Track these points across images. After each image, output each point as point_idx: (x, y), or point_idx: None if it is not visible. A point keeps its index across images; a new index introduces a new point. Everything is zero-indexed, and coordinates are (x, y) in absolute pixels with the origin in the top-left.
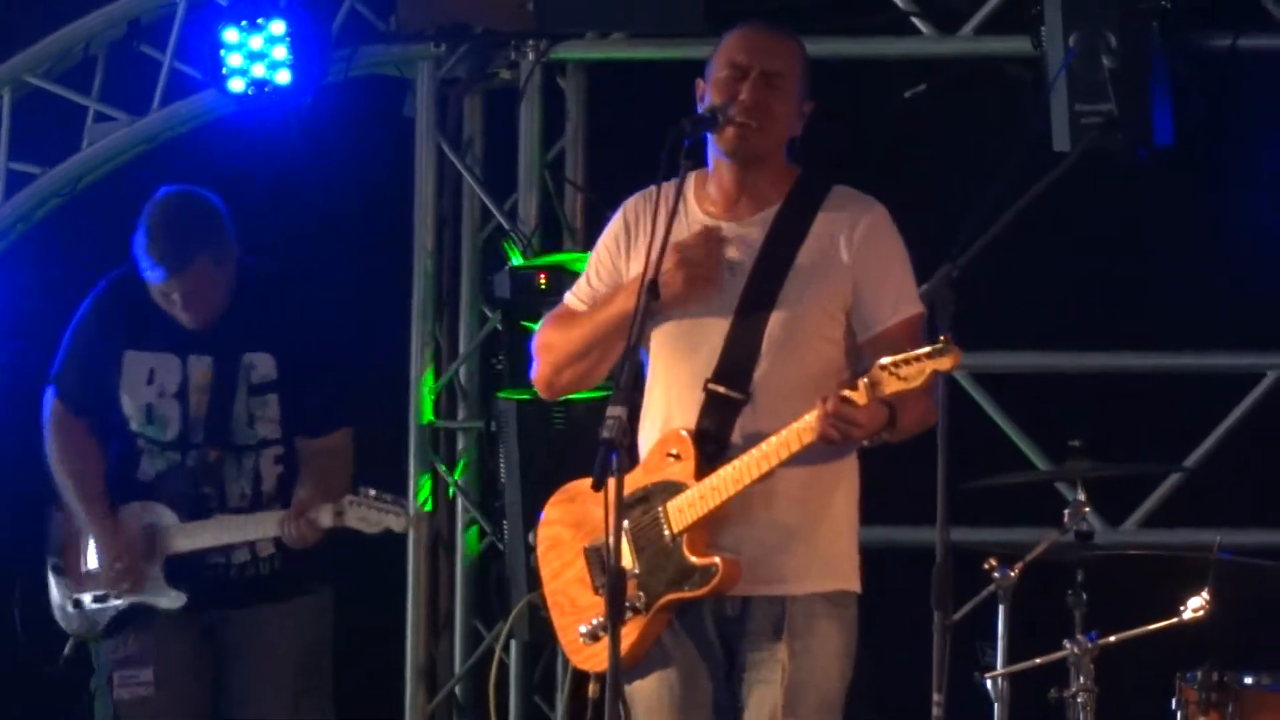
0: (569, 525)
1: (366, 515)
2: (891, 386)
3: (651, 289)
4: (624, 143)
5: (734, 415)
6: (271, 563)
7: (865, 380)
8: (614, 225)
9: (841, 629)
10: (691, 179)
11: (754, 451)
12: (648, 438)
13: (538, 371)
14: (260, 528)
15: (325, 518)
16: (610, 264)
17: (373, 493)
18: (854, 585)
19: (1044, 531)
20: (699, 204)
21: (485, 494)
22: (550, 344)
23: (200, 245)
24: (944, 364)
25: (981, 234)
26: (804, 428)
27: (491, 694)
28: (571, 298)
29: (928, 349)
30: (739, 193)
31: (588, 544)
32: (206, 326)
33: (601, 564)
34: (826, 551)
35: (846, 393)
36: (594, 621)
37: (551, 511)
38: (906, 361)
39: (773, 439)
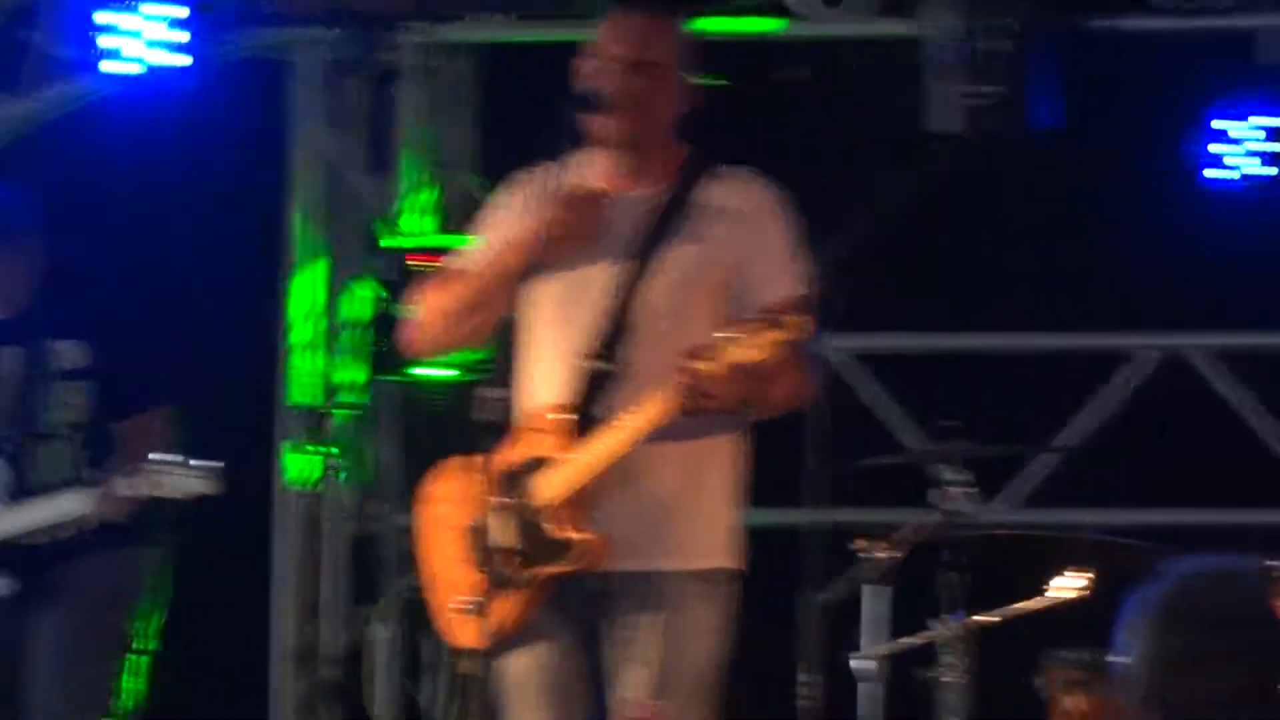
0: (450, 502)
1: (165, 481)
2: (734, 355)
3: (534, 268)
4: (504, 125)
5: (606, 390)
6: (82, 535)
7: (717, 351)
8: (507, 196)
9: (714, 607)
10: (579, 157)
11: (616, 425)
12: (525, 412)
13: (416, 332)
14: (68, 507)
15: (124, 487)
16: (498, 232)
17: (172, 458)
18: (731, 563)
19: (917, 512)
20: (590, 181)
21: (361, 476)
22: (433, 304)
23: None
24: (781, 334)
25: (863, 216)
26: (661, 400)
27: (365, 676)
28: (458, 260)
29: (765, 319)
30: (625, 172)
31: (467, 521)
32: (14, 316)
33: (480, 541)
34: (701, 528)
35: (695, 363)
36: (471, 598)
37: (433, 488)
38: (747, 332)
39: (633, 412)
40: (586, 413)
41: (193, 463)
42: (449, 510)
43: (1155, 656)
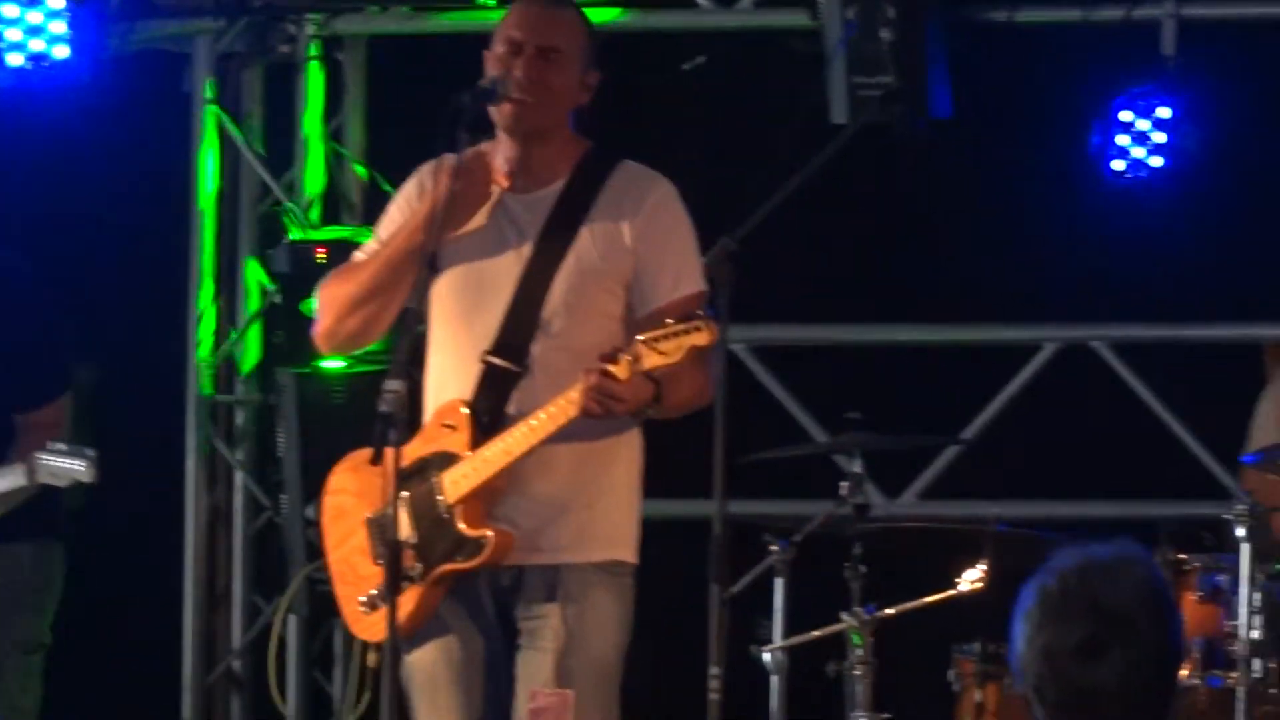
0: (353, 494)
1: (53, 469)
2: (651, 361)
3: (431, 261)
4: (402, 116)
5: (511, 388)
6: None
7: (627, 355)
8: (408, 186)
9: (616, 598)
10: (483, 149)
11: (522, 425)
12: (428, 408)
13: (319, 325)
14: None
15: (12, 478)
16: (400, 222)
17: (58, 446)
18: (630, 556)
19: (822, 504)
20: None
21: (263, 468)
22: (334, 295)
23: None
24: (700, 339)
25: (760, 208)
26: (568, 401)
27: (271, 668)
28: (358, 253)
29: (684, 324)
30: (524, 166)
31: (369, 514)
32: None
33: (382, 534)
34: (602, 522)
35: (608, 367)
36: (373, 592)
37: (336, 480)
38: (665, 336)
39: (540, 413)
40: (490, 409)
41: (68, 448)
42: (350, 502)
43: (1047, 645)
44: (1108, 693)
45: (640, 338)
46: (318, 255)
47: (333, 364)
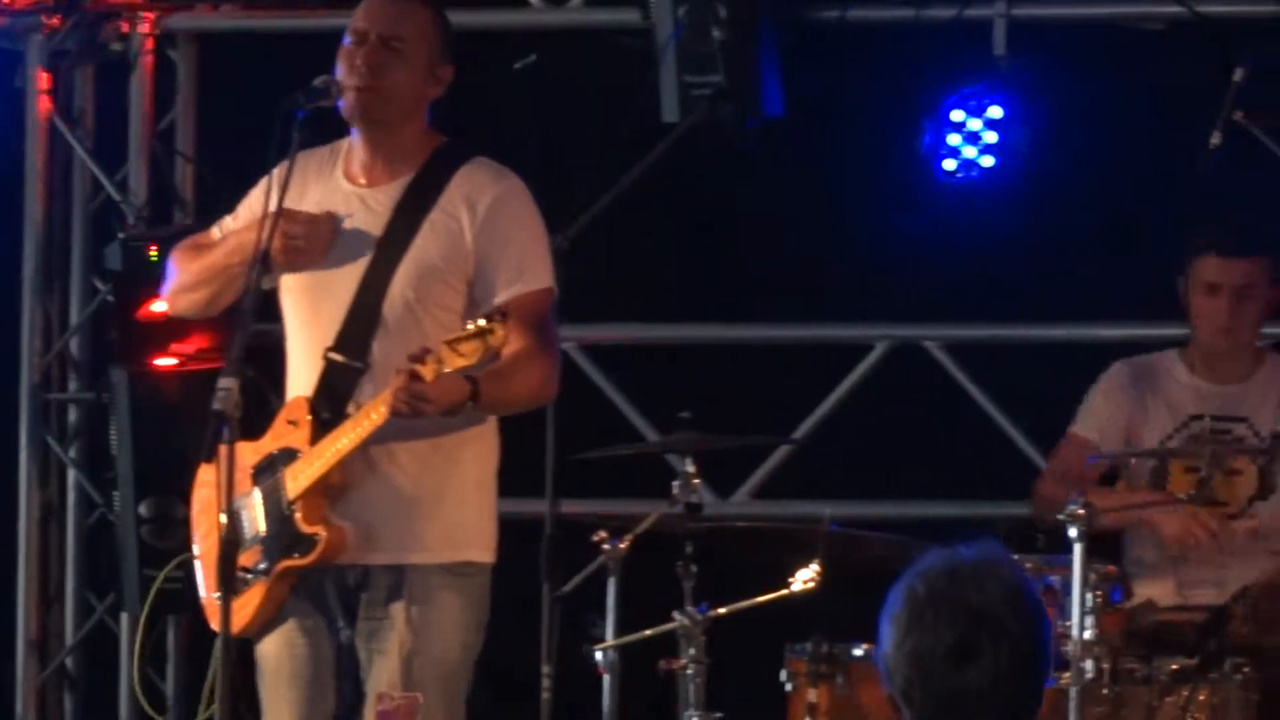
0: (212, 488)
1: None
2: (453, 363)
3: (264, 260)
4: (235, 114)
5: (352, 384)
6: None
7: (433, 356)
8: (262, 186)
9: (464, 600)
10: (345, 143)
11: (349, 422)
12: (284, 403)
13: (167, 288)
14: None
15: None
16: (254, 209)
17: None
18: (481, 556)
19: (654, 504)
20: (345, 171)
21: (96, 465)
22: (176, 267)
23: None
24: (495, 341)
25: (590, 206)
26: (376, 403)
27: (138, 668)
28: (215, 228)
29: (484, 327)
30: (374, 159)
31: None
32: None
33: (239, 530)
34: (448, 521)
35: (416, 368)
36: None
37: (204, 474)
38: (464, 339)
39: (360, 412)
40: (331, 405)
41: None
42: (212, 495)
43: (915, 649)
44: (979, 695)
45: (447, 338)
46: (150, 253)
47: (165, 362)
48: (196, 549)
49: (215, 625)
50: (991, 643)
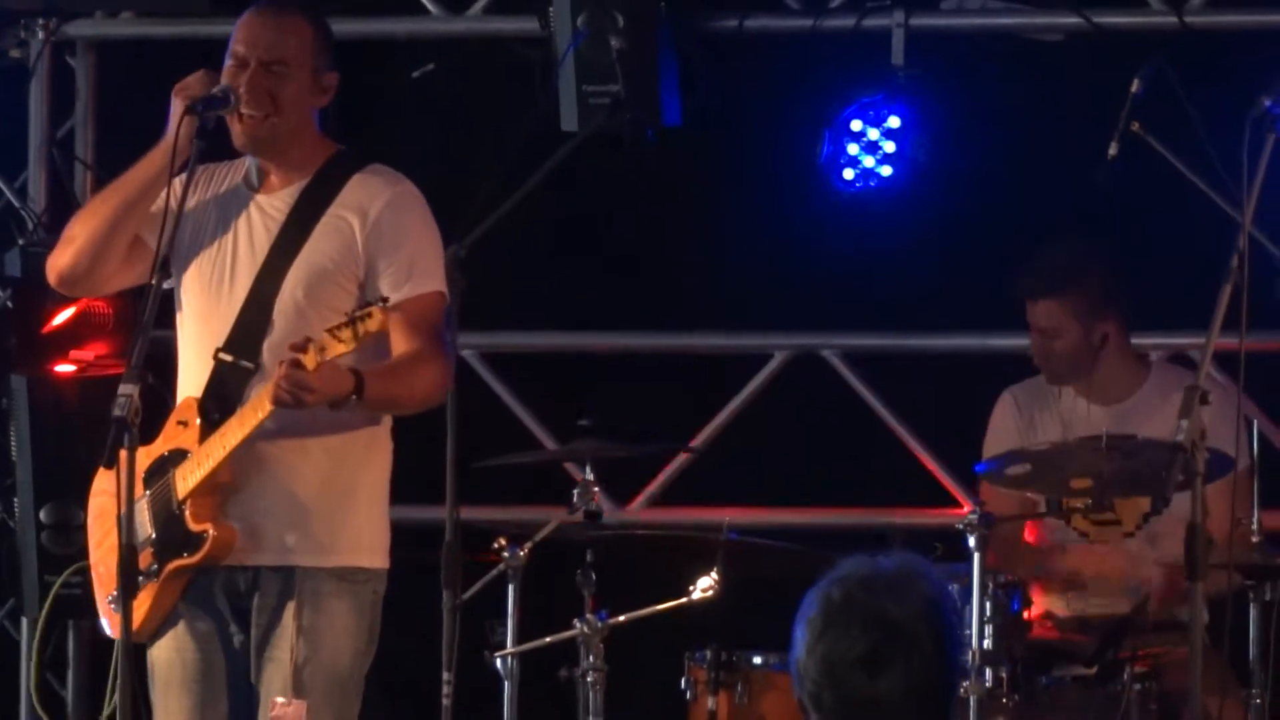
0: (112, 495)
1: None
2: (335, 349)
3: (164, 265)
4: (134, 121)
5: (243, 384)
6: None
7: (314, 344)
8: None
9: (354, 606)
10: (246, 159)
11: (234, 418)
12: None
13: (53, 259)
14: None
15: None
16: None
17: None
18: (373, 562)
19: (553, 511)
20: (245, 179)
21: None
22: (73, 233)
23: None
24: (370, 325)
25: (489, 215)
26: (262, 396)
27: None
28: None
29: (361, 313)
30: (270, 169)
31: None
32: None
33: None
34: (340, 526)
35: (297, 356)
36: (115, 591)
37: (100, 482)
38: (343, 325)
39: (245, 407)
40: (220, 405)
41: None
42: (110, 503)
43: (827, 654)
44: (888, 705)
45: (328, 326)
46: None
47: (65, 368)
48: (91, 557)
49: (111, 631)
50: (904, 654)
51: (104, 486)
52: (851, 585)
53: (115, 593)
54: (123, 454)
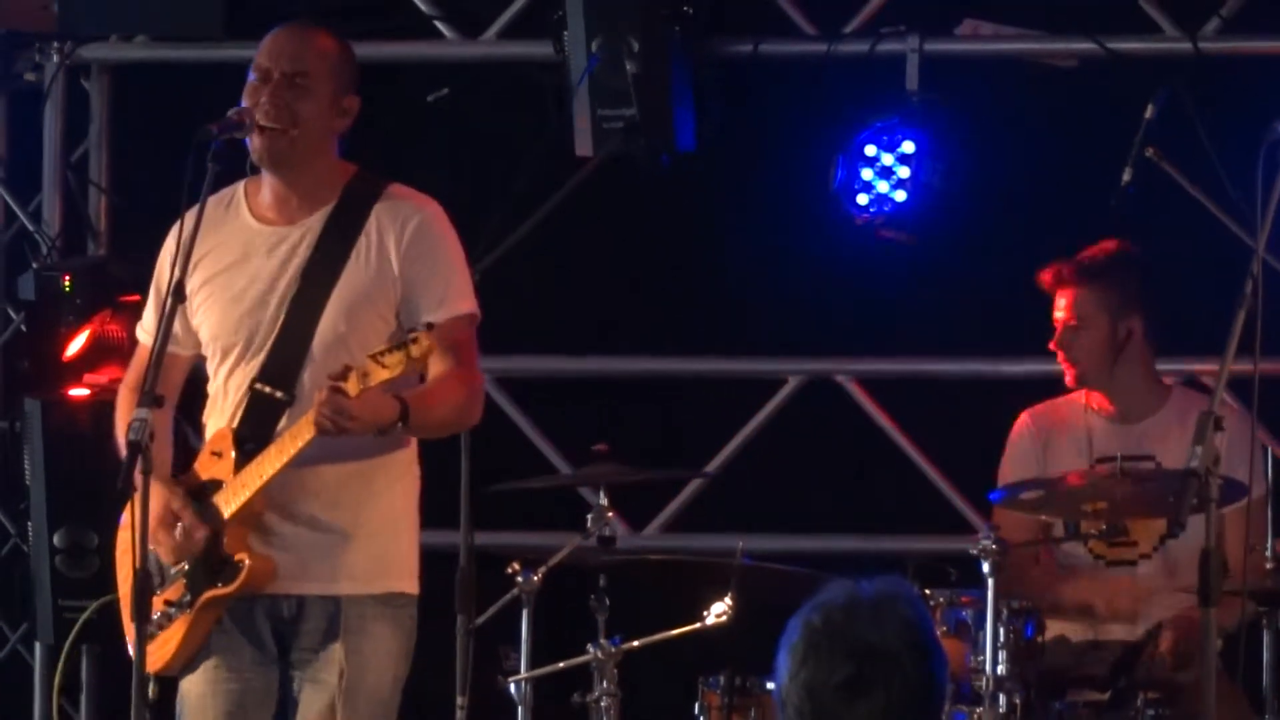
0: (133, 520)
1: None
2: (379, 375)
3: (178, 292)
4: (148, 145)
5: (278, 415)
6: None
7: (356, 371)
8: (167, 251)
9: (396, 630)
10: (243, 185)
11: (272, 447)
12: (207, 436)
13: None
14: None
15: None
16: (163, 276)
17: None
18: (410, 587)
19: (567, 536)
20: (251, 209)
21: (9, 495)
22: (116, 427)
23: None
24: (417, 350)
25: (504, 238)
26: (303, 423)
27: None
28: (141, 332)
29: (406, 338)
30: (288, 195)
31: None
32: None
33: (159, 564)
34: (381, 552)
35: (339, 383)
36: (151, 620)
37: (128, 515)
38: (388, 350)
39: (286, 434)
40: (256, 436)
41: None
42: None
43: (810, 680)
44: None
45: (371, 352)
46: (64, 283)
47: (79, 392)
48: (121, 590)
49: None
50: (884, 679)
51: (130, 521)
52: (832, 611)
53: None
54: (138, 478)
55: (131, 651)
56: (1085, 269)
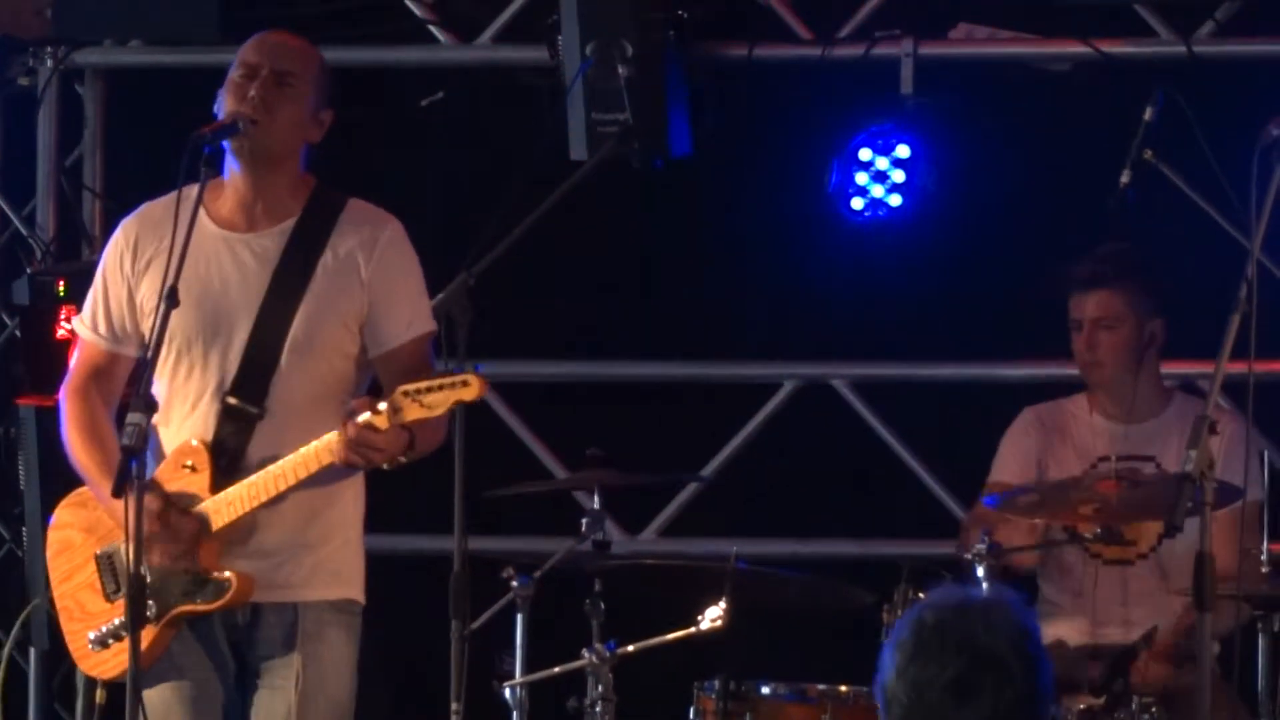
0: (81, 529)
1: None
2: (414, 413)
3: (171, 297)
4: (142, 150)
5: (250, 428)
6: None
7: (387, 406)
8: (116, 249)
9: (350, 637)
10: (192, 194)
11: (272, 469)
12: (164, 446)
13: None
14: None
15: None
16: (122, 293)
17: None
18: (360, 595)
19: (562, 541)
20: (212, 217)
21: (3, 499)
22: (64, 430)
23: None
24: (469, 395)
25: (497, 243)
26: (324, 449)
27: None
28: (85, 330)
29: (454, 379)
30: (255, 201)
31: (99, 549)
32: None
33: (113, 570)
34: (334, 560)
35: (370, 418)
36: (103, 629)
37: (63, 514)
38: (430, 389)
39: (292, 457)
40: (229, 450)
41: None
42: (77, 537)
43: (917, 679)
44: None
45: (406, 388)
46: (58, 288)
47: None
48: (55, 592)
49: (85, 669)
50: (993, 684)
51: (67, 520)
52: (945, 610)
53: (102, 629)
54: (130, 486)
55: (74, 656)
56: (1113, 268)
